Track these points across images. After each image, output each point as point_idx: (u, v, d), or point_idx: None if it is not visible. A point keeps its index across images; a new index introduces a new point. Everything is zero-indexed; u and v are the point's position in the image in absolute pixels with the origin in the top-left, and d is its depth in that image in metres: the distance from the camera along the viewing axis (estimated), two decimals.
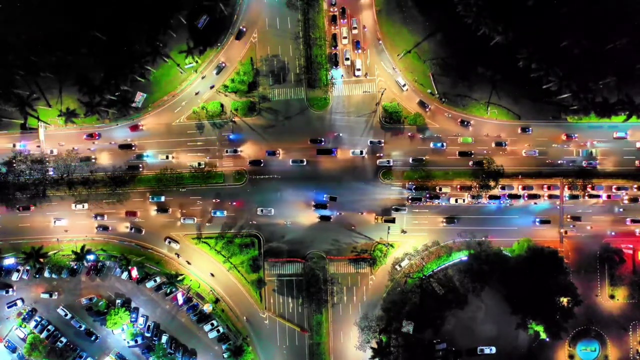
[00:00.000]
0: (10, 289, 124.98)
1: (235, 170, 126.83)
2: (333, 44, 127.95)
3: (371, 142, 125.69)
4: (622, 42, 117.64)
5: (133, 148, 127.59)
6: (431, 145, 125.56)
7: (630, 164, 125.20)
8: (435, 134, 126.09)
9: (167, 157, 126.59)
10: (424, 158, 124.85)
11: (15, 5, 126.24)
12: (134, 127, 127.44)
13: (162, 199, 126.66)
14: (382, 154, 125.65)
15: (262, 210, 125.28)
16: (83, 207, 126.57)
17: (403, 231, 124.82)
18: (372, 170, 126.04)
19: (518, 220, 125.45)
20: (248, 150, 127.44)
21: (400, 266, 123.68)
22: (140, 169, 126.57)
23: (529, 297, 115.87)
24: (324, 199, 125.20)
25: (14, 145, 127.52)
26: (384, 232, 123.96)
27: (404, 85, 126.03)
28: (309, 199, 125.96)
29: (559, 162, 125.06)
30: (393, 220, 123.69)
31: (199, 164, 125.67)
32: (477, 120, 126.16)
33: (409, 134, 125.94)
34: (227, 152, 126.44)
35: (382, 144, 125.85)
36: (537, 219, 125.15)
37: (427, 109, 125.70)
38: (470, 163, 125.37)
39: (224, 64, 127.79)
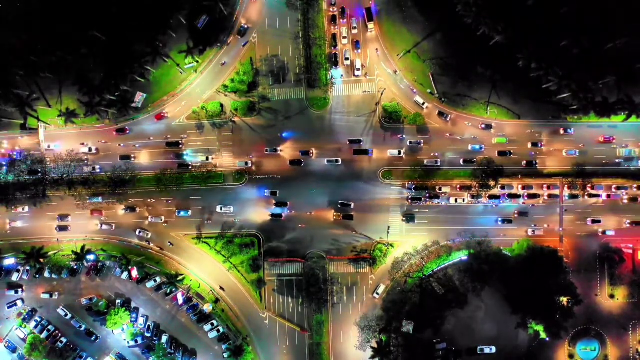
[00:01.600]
0: (20, 289, 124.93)
1: (236, 170, 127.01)
2: (333, 44, 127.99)
3: (410, 143, 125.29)
4: (621, 42, 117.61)
5: (180, 146, 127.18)
6: (469, 147, 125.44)
7: None
8: (473, 136, 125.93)
9: (207, 159, 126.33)
10: (475, 159, 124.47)
11: (15, 5, 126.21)
12: (159, 116, 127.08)
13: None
14: (432, 154, 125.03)
15: (221, 208, 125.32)
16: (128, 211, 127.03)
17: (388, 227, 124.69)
18: (372, 170, 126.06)
19: (482, 220, 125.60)
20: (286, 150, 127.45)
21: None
22: (190, 168, 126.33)
23: (528, 297, 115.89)
24: (265, 194, 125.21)
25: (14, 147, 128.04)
26: (384, 232, 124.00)
27: (424, 104, 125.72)
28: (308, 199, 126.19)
29: (604, 162, 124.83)
30: (351, 217, 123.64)
31: (246, 163, 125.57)
32: (498, 123, 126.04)
33: (447, 134, 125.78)
34: (267, 151, 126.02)
35: (422, 144, 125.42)
36: (500, 218, 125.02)
37: (448, 119, 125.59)
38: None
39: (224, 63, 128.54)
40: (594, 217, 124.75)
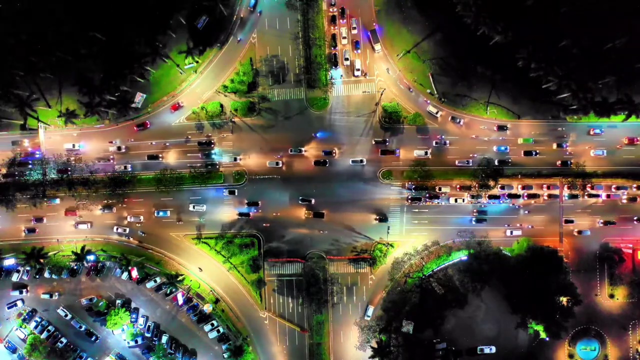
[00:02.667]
0: (24, 289, 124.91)
1: (236, 170, 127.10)
2: (332, 44, 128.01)
3: (436, 143, 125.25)
4: (621, 42, 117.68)
5: (212, 145, 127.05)
6: (494, 149, 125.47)
7: None
8: (501, 137, 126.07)
9: (235, 159, 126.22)
10: (510, 159, 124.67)
11: (15, 5, 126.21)
12: (175, 107, 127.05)
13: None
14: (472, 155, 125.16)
15: (194, 207, 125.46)
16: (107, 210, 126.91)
17: (388, 227, 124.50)
18: (371, 170, 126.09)
19: (458, 220, 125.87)
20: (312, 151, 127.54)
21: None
22: (217, 167, 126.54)
23: (528, 297, 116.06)
24: (224, 193, 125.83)
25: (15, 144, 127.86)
26: (384, 232, 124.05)
27: (437, 112, 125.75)
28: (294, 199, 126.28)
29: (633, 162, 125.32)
30: (322, 215, 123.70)
31: (277, 163, 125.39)
32: (514, 124, 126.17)
33: (473, 136, 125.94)
34: (291, 151, 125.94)
35: (447, 145, 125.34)
36: (474, 218, 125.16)
37: (461, 123, 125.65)
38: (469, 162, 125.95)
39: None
40: (566, 217, 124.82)
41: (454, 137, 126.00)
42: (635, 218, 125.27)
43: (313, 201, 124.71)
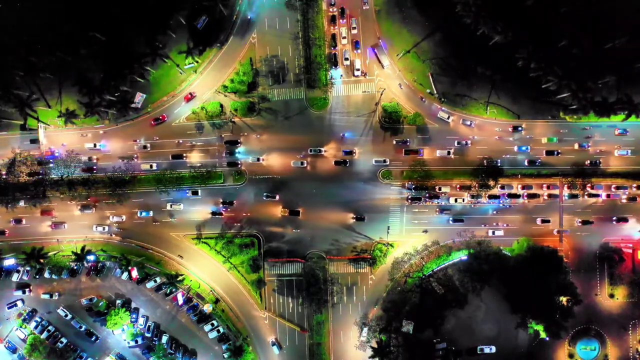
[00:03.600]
0: (27, 289, 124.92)
1: (235, 170, 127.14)
2: (332, 44, 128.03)
3: (458, 144, 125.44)
4: (621, 42, 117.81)
5: (239, 144, 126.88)
6: (515, 148, 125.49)
7: None
8: (527, 136, 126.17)
9: (258, 159, 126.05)
10: (539, 159, 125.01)
11: (15, 5, 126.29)
12: (188, 97, 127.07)
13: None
14: (488, 156, 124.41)
15: (171, 205, 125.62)
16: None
17: (424, 230, 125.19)
18: (371, 170, 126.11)
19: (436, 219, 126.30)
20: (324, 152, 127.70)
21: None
22: (239, 166, 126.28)
23: (528, 297, 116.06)
24: (187, 194, 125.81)
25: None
26: (384, 232, 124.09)
27: (449, 117, 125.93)
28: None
29: None
30: (297, 213, 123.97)
31: (302, 163, 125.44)
32: (529, 124, 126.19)
33: (497, 137, 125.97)
34: (310, 151, 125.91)
35: (469, 145, 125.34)
36: (451, 218, 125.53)
37: (472, 125, 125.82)
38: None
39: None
40: (542, 217, 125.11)
41: (478, 138, 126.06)
42: (614, 218, 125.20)
43: (277, 197, 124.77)
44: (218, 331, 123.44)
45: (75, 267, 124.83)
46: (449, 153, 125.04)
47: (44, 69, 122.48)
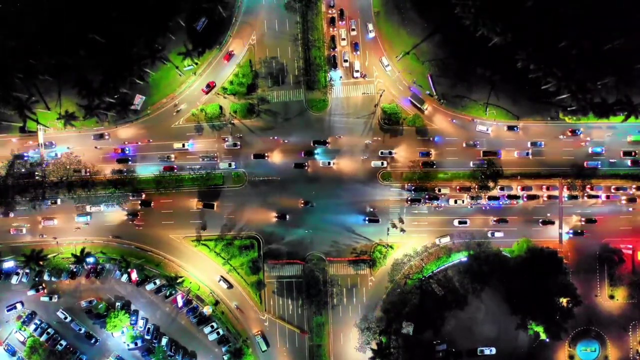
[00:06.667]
0: (41, 286, 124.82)
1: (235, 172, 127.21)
2: (332, 45, 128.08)
3: (470, 144, 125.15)
4: (620, 43, 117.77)
5: (327, 145, 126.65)
6: (528, 144, 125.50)
7: None
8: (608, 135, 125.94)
9: (329, 164, 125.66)
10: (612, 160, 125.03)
11: (15, 7, 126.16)
12: (227, 57, 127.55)
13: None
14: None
15: (90, 207, 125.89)
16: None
17: (402, 230, 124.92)
18: (371, 172, 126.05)
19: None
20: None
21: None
22: (306, 167, 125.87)
23: (528, 298, 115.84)
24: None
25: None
26: (384, 233, 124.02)
27: (487, 129, 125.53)
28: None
29: None
30: (212, 206, 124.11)
31: (329, 163, 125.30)
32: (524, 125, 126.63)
33: (585, 142, 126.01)
34: (314, 145, 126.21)
35: (477, 145, 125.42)
36: (456, 220, 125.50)
37: (488, 130, 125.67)
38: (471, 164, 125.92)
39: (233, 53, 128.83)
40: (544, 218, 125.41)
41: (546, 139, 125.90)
42: (540, 220, 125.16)
43: (288, 217, 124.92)
44: (218, 333, 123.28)
45: (74, 270, 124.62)
46: (527, 154, 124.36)
47: (43, 71, 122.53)
